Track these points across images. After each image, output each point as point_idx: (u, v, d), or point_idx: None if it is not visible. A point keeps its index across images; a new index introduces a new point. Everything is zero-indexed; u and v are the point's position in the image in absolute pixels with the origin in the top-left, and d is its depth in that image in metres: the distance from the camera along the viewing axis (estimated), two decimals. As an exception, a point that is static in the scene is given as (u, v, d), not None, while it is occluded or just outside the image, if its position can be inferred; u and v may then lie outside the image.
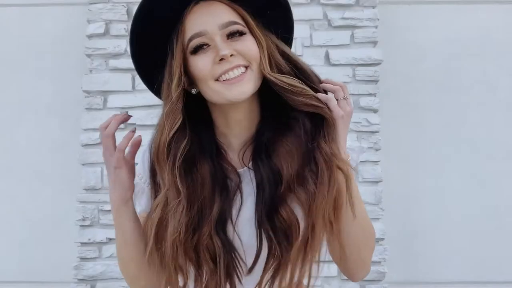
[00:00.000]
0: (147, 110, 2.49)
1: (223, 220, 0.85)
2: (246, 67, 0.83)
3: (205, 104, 0.91)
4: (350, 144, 0.92)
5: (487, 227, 2.71)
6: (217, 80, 0.82)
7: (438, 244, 2.71)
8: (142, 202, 0.94)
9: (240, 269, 0.85)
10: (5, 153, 2.77)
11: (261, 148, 0.88)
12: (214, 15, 0.83)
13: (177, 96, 0.83)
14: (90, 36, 2.53)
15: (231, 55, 0.81)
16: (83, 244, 2.45)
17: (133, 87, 2.52)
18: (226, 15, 0.83)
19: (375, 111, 2.50)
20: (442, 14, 2.79)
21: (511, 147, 2.74)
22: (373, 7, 2.54)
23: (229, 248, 0.84)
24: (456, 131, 2.75)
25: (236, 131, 0.90)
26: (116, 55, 2.52)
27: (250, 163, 0.89)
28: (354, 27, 2.53)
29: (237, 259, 0.85)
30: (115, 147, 0.86)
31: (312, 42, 2.52)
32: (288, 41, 0.94)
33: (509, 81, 2.77)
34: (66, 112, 2.74)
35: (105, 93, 2.51)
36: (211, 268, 0.84)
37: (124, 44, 2.52)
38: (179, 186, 0.82)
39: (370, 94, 2.50)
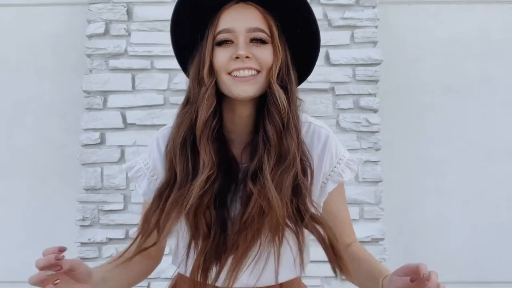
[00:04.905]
0: (146, 110, 2.49)
1: (221, 198, 0.90)
2: (258, 72, 0.91)
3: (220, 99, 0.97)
4: (349, 156, 0.98)
5: (487, 227, 2.71)
6: (229, 74, 0.90)
7: (438, 244, 2.71)
8: (142, 186, 1.01)
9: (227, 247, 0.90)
10: (5, 153, 2.77)
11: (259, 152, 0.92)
12: (246, 18, 0.92)
13: (210, 82, 0.91)
14: (90, 36, 2.53)
15: (247, 57, 0.89)
16: (83, 244, 2.45)
17: (133, 87, 2.52)
18: (256, 21, 0.92)
19: (375, 111, 2.50)
20: (442, 14, 2.79)
21: (511, 147, 2.75)
22: (373, 7, 2.54)
23: (223, 224, 0.89)
24: (456, 131, 2.75)
25: (240, 128, 0.96)
26: (116, 55, 2.52)
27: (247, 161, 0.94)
28: (354, 27, 2.53)
29: (226, 237, 0.89)
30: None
31: (312, 42, 2.52)
32: (311, 61, 1.01)
33: (509, 81, 2.77)
34: (66, 112, 2.74)
35: (105, 93, 2.51)
36: (205, 233, 0.88)
37: (124, 44, 2.52)
38: (213, 157, 0.89)
39: (370, 94, 2.50)
